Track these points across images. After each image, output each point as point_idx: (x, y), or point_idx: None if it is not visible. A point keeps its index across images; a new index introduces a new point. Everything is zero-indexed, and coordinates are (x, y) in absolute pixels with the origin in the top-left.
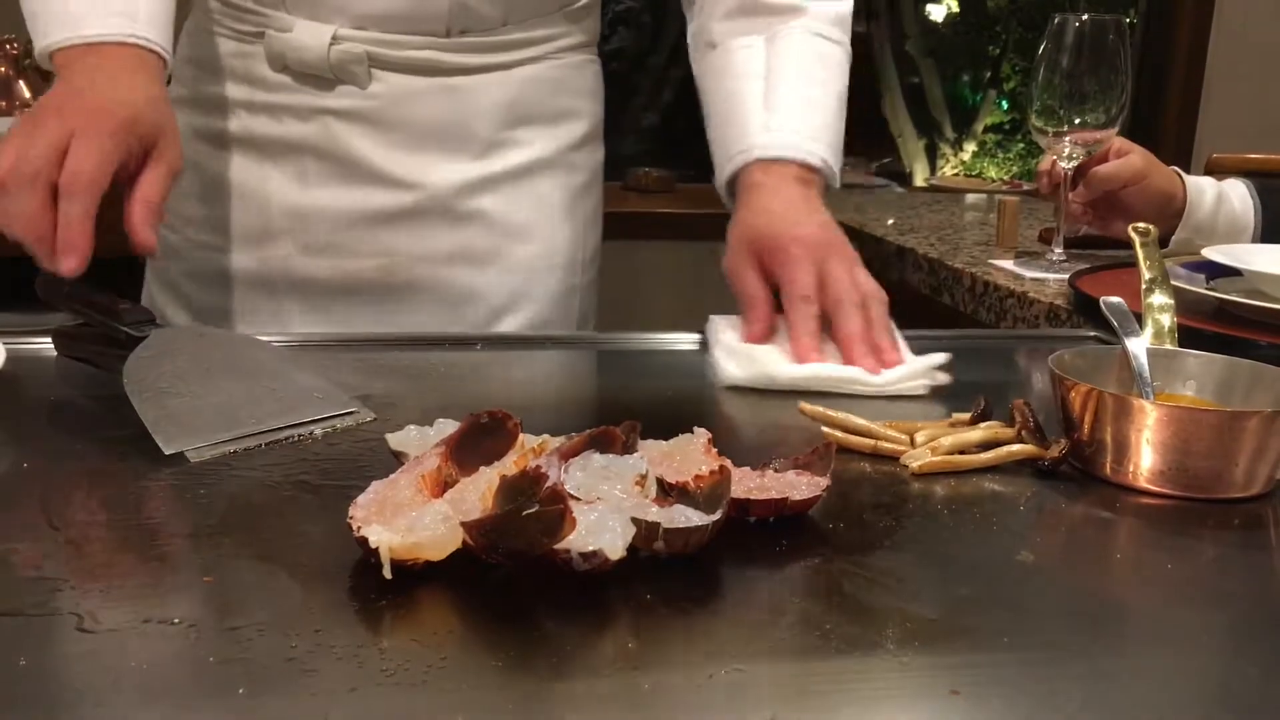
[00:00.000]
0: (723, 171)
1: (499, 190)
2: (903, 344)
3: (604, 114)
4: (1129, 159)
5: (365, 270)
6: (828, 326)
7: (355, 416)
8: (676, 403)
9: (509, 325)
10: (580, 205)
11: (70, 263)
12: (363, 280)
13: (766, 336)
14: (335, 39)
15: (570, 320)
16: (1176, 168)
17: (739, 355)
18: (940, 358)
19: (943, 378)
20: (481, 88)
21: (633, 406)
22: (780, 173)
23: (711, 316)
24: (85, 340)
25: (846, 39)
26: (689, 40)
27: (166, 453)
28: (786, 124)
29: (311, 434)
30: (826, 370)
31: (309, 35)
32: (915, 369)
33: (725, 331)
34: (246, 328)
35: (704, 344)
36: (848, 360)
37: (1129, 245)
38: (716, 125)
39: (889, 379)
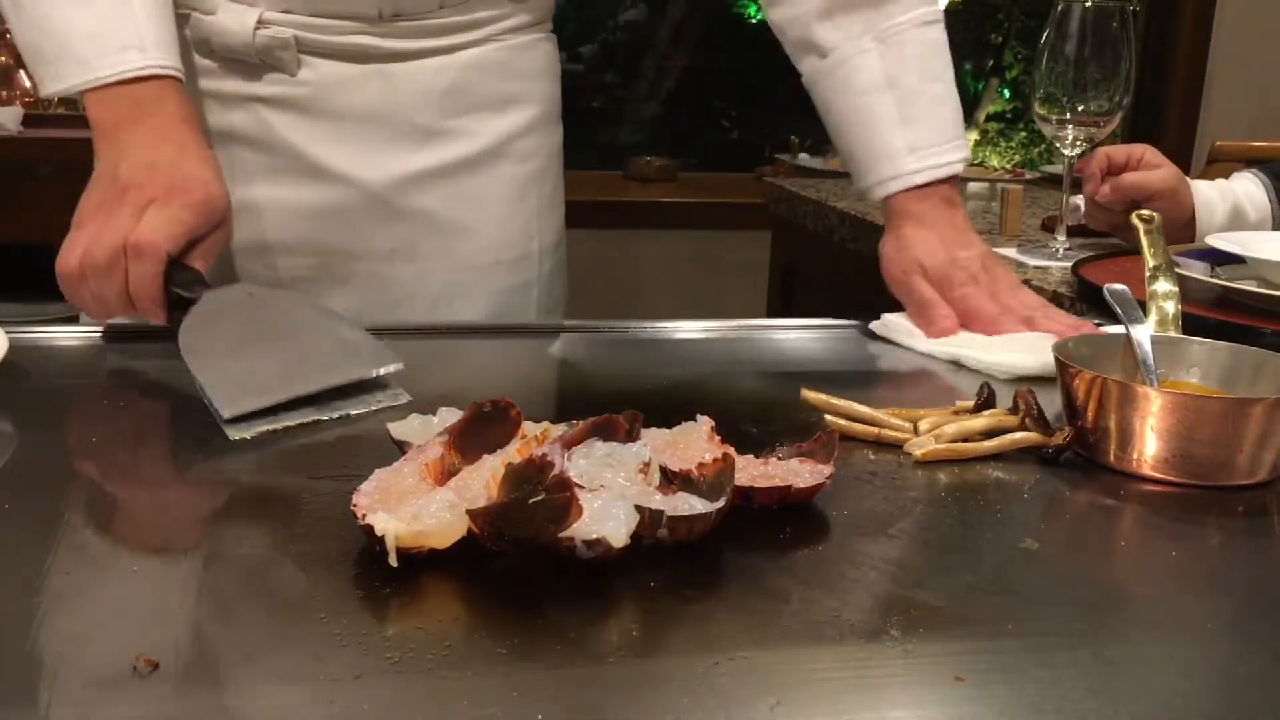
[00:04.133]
0: (873, 193)
1: (439, 187)
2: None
3: (559, 91)
4: (1160, 172)
5: (299, 269)
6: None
7: (392, 394)
8: (678, 390)
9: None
10: (532, 193)
11: (156, 320)
12: (298, 279)
13: (953, 329)
14: (261, 23)
15: (528, 315)
16: (1187, 178)
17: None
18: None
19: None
20: (417, 74)
21: (635, 395)
22: (932, 198)
23: (885, 316)
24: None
25: (940, 9)
26: (782, 36)
27: (226, 416)
28: (926, 138)
29: (348, 415)
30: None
31: (233, 19)
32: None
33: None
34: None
35: (868, 334)
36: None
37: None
38: (854, 144)
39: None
